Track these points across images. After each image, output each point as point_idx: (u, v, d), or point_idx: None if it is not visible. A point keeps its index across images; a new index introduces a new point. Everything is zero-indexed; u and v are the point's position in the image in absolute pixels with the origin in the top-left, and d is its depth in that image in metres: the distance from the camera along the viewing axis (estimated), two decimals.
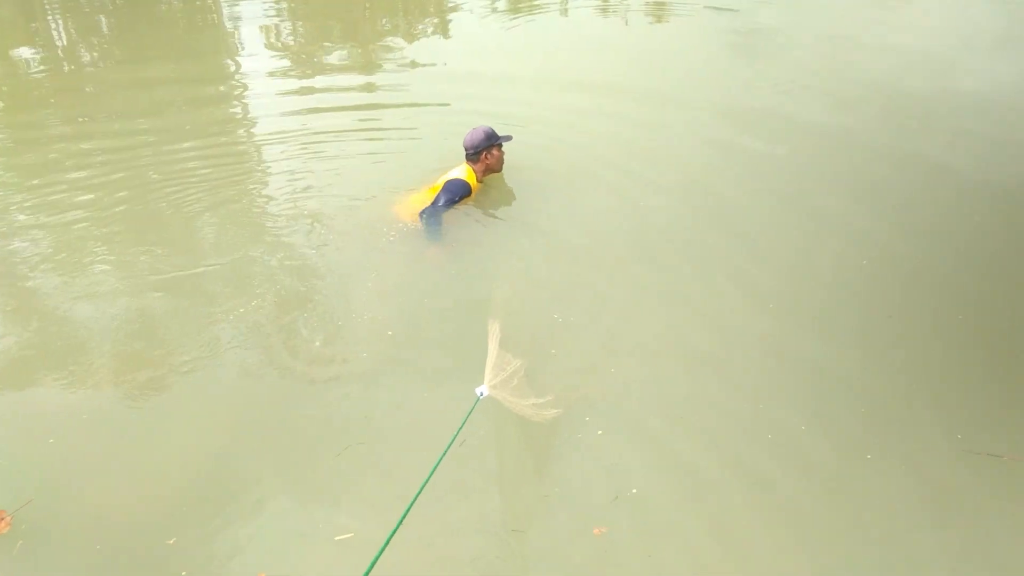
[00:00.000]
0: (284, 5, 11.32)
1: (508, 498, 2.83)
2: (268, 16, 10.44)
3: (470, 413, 2.72)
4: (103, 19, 10.93)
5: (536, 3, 10.37)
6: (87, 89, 7.76)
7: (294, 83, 7.65)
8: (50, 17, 11.05)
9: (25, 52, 9.14)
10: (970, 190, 4.84)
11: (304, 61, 8.45)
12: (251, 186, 5.22)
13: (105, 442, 3.13)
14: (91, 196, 5.04)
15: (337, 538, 2.67)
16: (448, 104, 6.59)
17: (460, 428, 2.62)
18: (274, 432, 3.16)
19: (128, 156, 5.67)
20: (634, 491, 2.79)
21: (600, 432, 3.04)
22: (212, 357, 3.56)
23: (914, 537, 2.61)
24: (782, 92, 6.54)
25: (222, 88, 7.67)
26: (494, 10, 10.11)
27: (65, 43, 9.71)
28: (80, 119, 6.67)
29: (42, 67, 8.45)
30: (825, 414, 3.11)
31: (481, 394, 2.79)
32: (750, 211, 4.67)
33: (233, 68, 8.45)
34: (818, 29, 8.59)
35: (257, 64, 8.28)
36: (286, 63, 8.45)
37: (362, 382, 3.39)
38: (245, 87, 7.56)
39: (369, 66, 8.22)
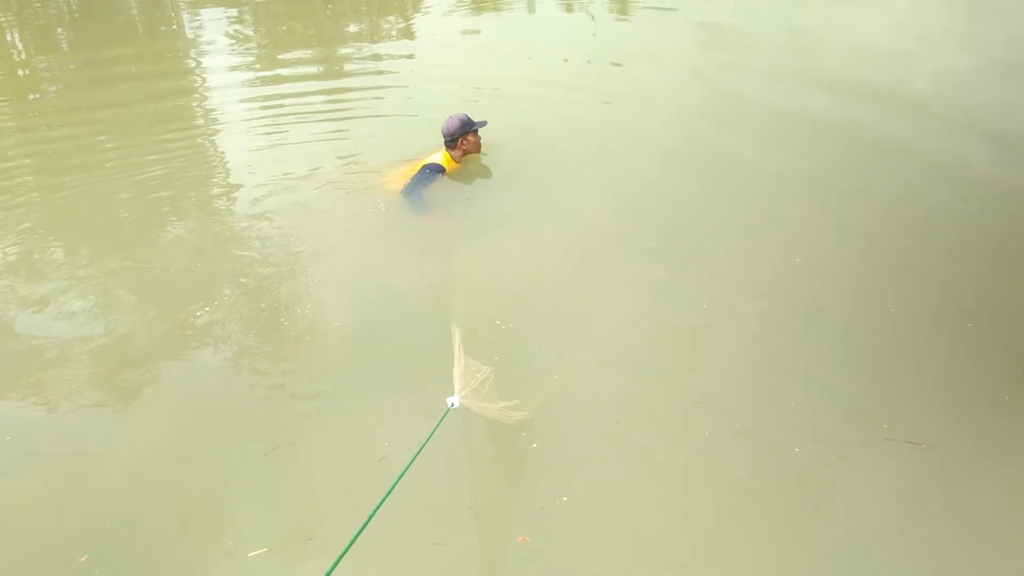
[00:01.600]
0: (246, 8, 11.19)
1: (434, 509, 2.74)
2: (230, 20, 10.30)
3: (440, 423, 2.60)
4: (60, 30, 10.73)
5: (500, 3, 10.30)
6: (47, 89, 7.65)
7: (257, 75, 7.71)
8: (2, 17, 10.84)
9: None
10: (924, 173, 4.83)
11: (267, 58, 8.44)
12: (216, 175, 5.29)
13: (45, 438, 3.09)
14: (48, 190, 5.09)
15: (251, 554, 2.57)
16: (415, 86, 6.87)
17: (428, 438, 2.50)
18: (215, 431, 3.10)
19: (91, 153, 5.76)
20: (564, 499, 2.71)
21: (535, 445, 2.94)
22: (166, 350, 3.52)
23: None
24: (745, 83, 6.51)
25: (184, 83, 7.66)
26: (457, 7, 10.02)
27: (21, 49, 9.53)
28: (32, 114, 6.59)
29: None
30: (761, 415, 3.04)
31: (452, 404, 2.68)
32: (716, 203, 4.62)
33: (194, 65, 8.39)
34: (780, 23, 8.57)
35: (220, 60, 8.27)
36: (249, 59, 8.43)
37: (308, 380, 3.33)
38: (207, 82, 7.58)
39: (332, 60, 8.23)
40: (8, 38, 9.95)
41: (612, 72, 7.09)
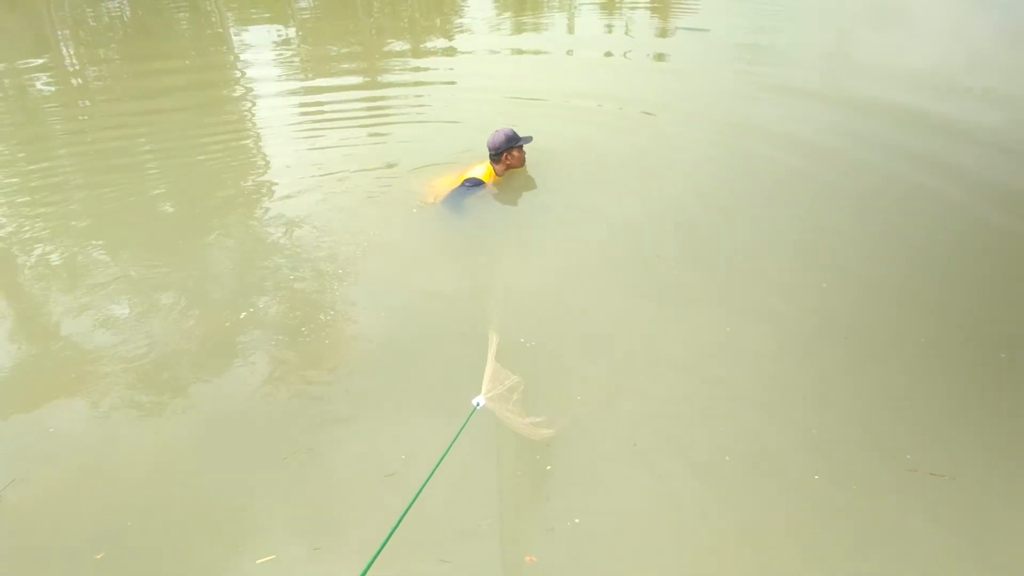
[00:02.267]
0: (291, 24, 11.47)
1: (442, 526, 2.70)
2: (275, 35, 10.56)
3: (465, 423, 2.59)
4: (113, 44, 11.11)
5: (542, 23, 10.37)
6: (96, 97, 7.91)
7: (300, 85, 7.92)
8: (59, 32, 11.27)
9: (33, 64, 9.30)
10: (952, 207, 4.67)
11: (310, 69, 8.63)
12: (257, 181, 5.42)
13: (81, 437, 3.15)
14: (99, 194, 5.26)
15: (258, 560, 2.57)
16: (457, 95, 7.05)
17: (455, 438, 2.49)
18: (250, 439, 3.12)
19: (135, 155, 6.02)
20: (576, 521, 2.66)
21: (549, 467, 2.89)
22: (199, 354, 3.57)
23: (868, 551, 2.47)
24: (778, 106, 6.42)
25: (229, 92, 7.88)
26: (498, 27, 10.10)
27: (73, 56, 9.90)
28: (81, 117, 6.79)
29: (51, 81, 8.59)
30: (778, 441, 2.95)
31: (478, 404, 2.67)
32: (747, 226, 4.54)
33: (239, 76, 8.61)
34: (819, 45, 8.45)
35: (263, 72, 8.53)
36: (292, 70, 8.64)
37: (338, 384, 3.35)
38: (251, 92, 7.82)
39: (374, 71, 8.37)
40: (63, 51, 10.32)
41: (652, 88, 7.06)
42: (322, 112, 6.82)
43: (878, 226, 4.45)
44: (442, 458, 2.39)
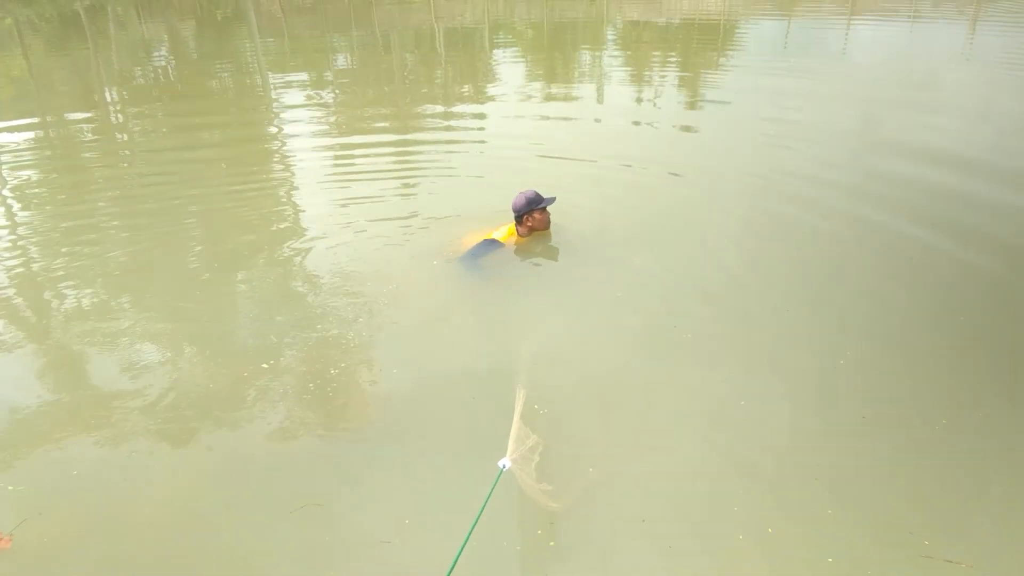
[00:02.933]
0: (329, 76, 11.86)
1: None
2: (311, 85, 10.91)
3: (494, 486, 2.54)
4: (155, 91, 11.57)
5: (571, 92, 10.59)
6: (137, 148, 8.16)
7: (335, 139, 8.20)
8: (107, 90, 11.76)
9: (80, 117, 9.69)
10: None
11: (343, 122, 8.92)
12: (289, 229, 5.59)
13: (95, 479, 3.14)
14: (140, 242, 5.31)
15: None
16: (486, 154, 7.24)
17: (486, 501, 2.44)
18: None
19: (169, 200, 6.24)
20: None
21: (552, 543, 2.79)
22: (218, 401, 3.57)
23: None
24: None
25: (265, 145, 8.17)
26: (527, 98, 10.33)
27: (118, 109, 10.30)
28: (122, 164, 7.00)
29: (95, 131, 8.94)
30: (792, 519, 2.83)
31: (504, 466, 2.61)
32: (765, 296, 4.46)
33: (276, 128, 8.91)
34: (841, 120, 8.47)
35: (300, 127, 8.81)
36: (325, 122, 8.97)
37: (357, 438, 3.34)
38: (287, 143, 8.16)
39: (407, 128, 8.64)
40: (109, 104, 10.76)
41: (678, 152, 7.15)
42: (353, 166, 7.02)
43: (903, 297, 4.35)
44: (473, 527, 2.34)
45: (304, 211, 5.97)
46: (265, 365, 3.83)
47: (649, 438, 3.30)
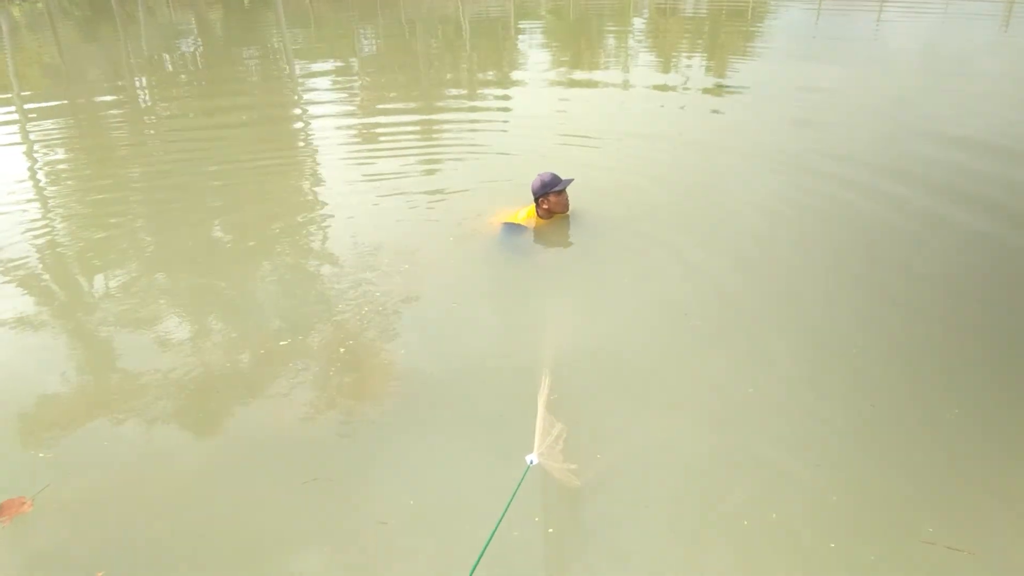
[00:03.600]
0: (354, 61, 11.88)
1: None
2: (338, 71, 10.93)
3: (521, 481, 2.52)
4: (182, 73, 11.66)
5: (598, 77, 10.48)
6: (164, 126, 8.25)
7: (360, 119, 8.21)
8: (135, 73, 11.88)
9: (109, 100, 9.80)
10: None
11: (367, 104, 8.90)
12: (314, 204, 5.63)
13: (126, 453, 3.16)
14: (167, 225, 5.38)
15: None
16: (509, 133, 7.02)
17: (512, 497, 2.42)
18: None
19: (196, 177, 6.26)
20: None
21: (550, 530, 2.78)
22: (237, 376, 3.59)
23: None
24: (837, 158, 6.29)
25: (290, 124, 8.14)
26: (552, 84, 10.25)
27: (146, 90, 10.41)
28: (150, 142, 7.08)
29: (124, 115, 9.04)
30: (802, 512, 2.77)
31: (531, 462, 2.59)
32: (810, 280, 4.39)
33: (301, 109, 8.97)
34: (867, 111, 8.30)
35: (325, 107, 8.91)
36: (350, 105, 8.96)
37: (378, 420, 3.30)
38: (312, 122, 8.19)
39: (429, 109, 8.65)
40: (137, 85, 10.87)
41: (704, 130, 7.02)
42: (377, 145, 7.05)
43: (923, 292, 4.25)
44: (501, 518, 2.32)
45: (327, 188, 6.00)
46: (283, 342, 3.83)
47: (655, 422, 3.25)
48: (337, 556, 2.64)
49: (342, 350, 3.74)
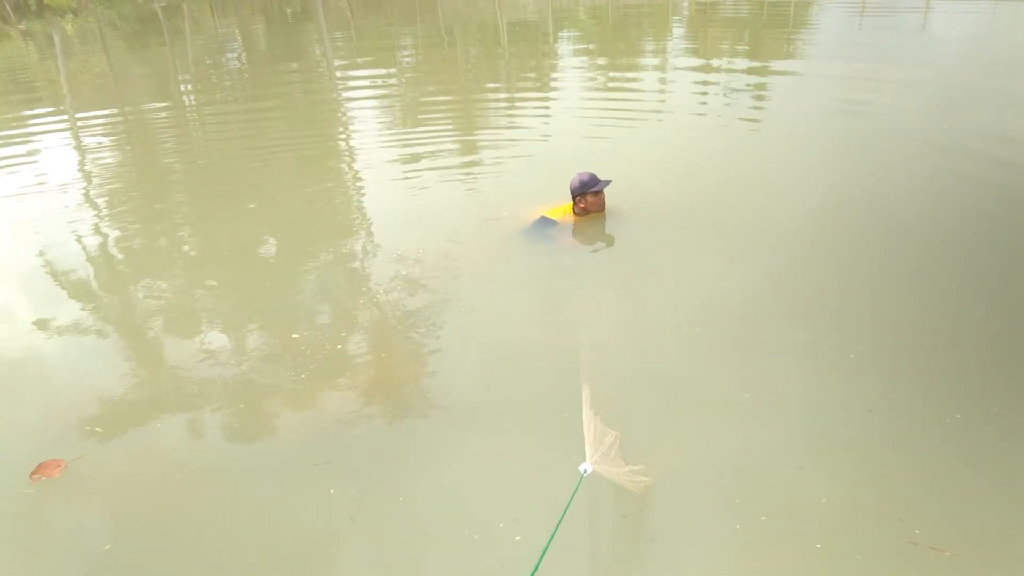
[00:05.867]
0: (394, 66, 11.96)
1: None
2: (377, 77, 11.02)
3: (576, 491, 2.46)
4: (227, 83, 11.88)
5: (636, 81, 10.36)
6: (209, 135, 8.39)
7: (400, 123, 8.31)
8: (182, 83, 12.15)
9: (156, 107, 10.03)
10: None
11: (410, 109, 9.00)
12: (354, 206, 5.78)
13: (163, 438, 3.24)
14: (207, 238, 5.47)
15: None
16: (548, 137, 7.15)
17: (567, 507, 2.36)
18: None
19: (238, 180, 6.40)
20: None
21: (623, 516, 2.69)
22: (269, 371, 3.62)
23: None
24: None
25: (331, 128, 8.27)
26: (593, 80, 10.18)
27: (192, 100, 10.63)
28: (196, 147, 7.21)
29: (171, 121, 9.23)
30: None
31: (585, 471, 2.52)
32: (853, 279, 4.23)
33: (342, 115, 9.05)
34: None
35: (367, 113, 9.02)
36: (391, 109, 9.05)
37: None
38: (352, 126, 8.34)
39: (469, 115, 8.62)
40: (183, 96, 11.09)
41: (744, 142, 6.84)
42: (417, 151, 7.02)
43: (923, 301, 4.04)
44: (555, 530, 2.24)
45: (369, 187, 6.12)
46: (305, 332, 3.88)
47: (701, 427, 3.15)
48: (379, 561, 2.59)
49: (369, 341, 3.75)
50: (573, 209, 5.00)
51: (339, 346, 3.76)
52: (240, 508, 2.83)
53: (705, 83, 9.47)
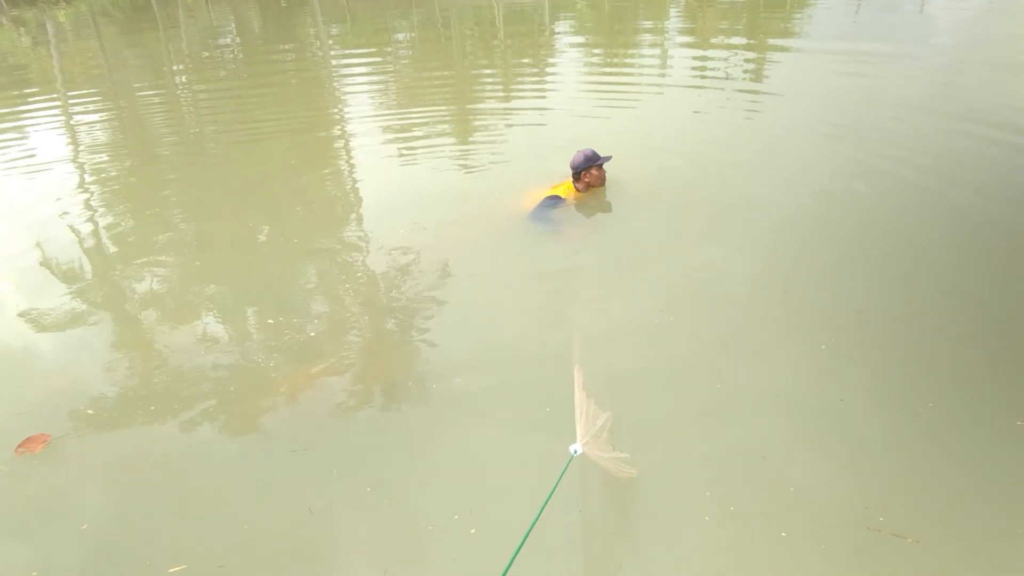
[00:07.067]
0: (389, 53, 11.89)
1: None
2: (373, 65, 10.95)
3: (564, 471, 2.45)
4: (223, 72, 11.79)
5: (634, 64, 10.30)
6: (204, 122, 8.34)
7: (395, 110, 8.24)
8: (176, 71, 12.06)
9: (150, 94, 9.96)
10: None
11: (405, 96, 8.90)
12: (352, 195, 5.69)
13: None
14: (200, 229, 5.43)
15: (171, 569, 2.48)
16: (548, 120, 7.16)
17: (555, 486, 2.36)
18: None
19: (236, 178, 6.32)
20: None
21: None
22: (280, 367, 3.55)
23: None
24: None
25: (326, 114, 8.17)
26: (591, 63, 10.11)
27: (185, 86, 10.56)
28: (192, 132, 7.17)
29: (165, 109, 9.18)
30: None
31: (575, 452, 2.52)
32: (846, 262, 4.20)
33: (338, 99, 9.00)
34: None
35: (361, 99, 8.98)
36: (388, 95, 8.98)
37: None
38: (348, 112, 8.28)
39: (466, 98, 8.58)
40: (177, 83, 11.02)
41: (742, 122, 6.79)
42: (413, 135, 6.99)
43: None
44: (543, 507, 2.24)
45: (367, 177, 6.03)
46: (294, 319, 3.86)
47: (694, 413, 3.13)
48: (372, 545, 2.58)
49: (372, 329, 3.72)
50: (575, 185, 5.11)
51: (323, 333, 3.74)
52: (218, 493, 2.82)
53: (703, 67, 9.40)
